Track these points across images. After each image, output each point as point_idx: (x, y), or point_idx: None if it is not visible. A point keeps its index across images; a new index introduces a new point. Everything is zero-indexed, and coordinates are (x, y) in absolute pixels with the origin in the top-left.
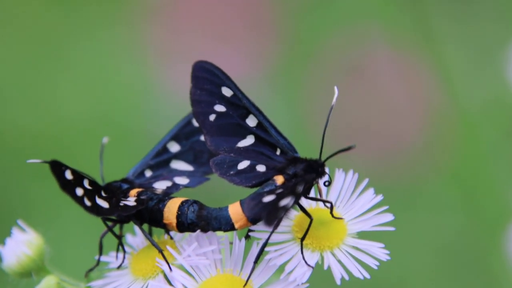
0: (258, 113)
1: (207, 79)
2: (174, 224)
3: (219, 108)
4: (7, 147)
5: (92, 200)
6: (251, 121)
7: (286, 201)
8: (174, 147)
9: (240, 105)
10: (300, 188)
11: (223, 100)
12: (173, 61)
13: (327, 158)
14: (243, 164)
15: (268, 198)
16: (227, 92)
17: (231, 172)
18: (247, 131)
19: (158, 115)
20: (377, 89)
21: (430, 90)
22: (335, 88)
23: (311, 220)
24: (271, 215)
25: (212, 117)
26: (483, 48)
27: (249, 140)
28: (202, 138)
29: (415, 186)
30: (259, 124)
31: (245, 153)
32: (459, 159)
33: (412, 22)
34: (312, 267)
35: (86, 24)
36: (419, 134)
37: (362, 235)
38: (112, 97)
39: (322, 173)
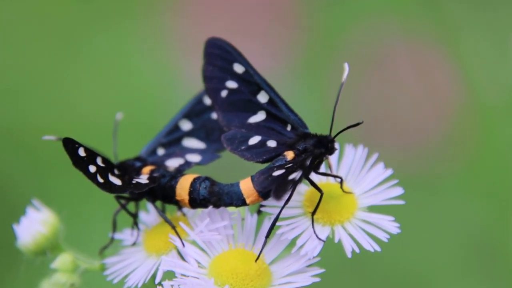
0: (269, 89)
1: (219, 55)
2: (187, 200)
3: (231, 84)
4: (25, 145)
5: (105, 177)
6: (262, 97)
7: (294, 175)
8: (186, 125)
9: (252, 82)
10: (308, 162)
11: (234, 76)
12: (196, 53)
13: (337, 134)
14: (254, 140)
15: (277, 172)
16: (239, 68)
17: (242, 148)
18: (258, 107)
19: (179, 108)
20: (398, 81)
21: (451, 80)
22: (346, 64)
23: (322, 194)
24: (280, 189)
25: (224, 93)
26: (501, 36)
27: (260, 116)
28: (214, 115)
29: (439, 177)
30: (270, 100)
31: (256, 128)
32: (484, 149)
33: (430, 13)
34: (323, 241)
35: (106, 16)
36: (441, 125)
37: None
38: (132, 91)
39: (332, 149)
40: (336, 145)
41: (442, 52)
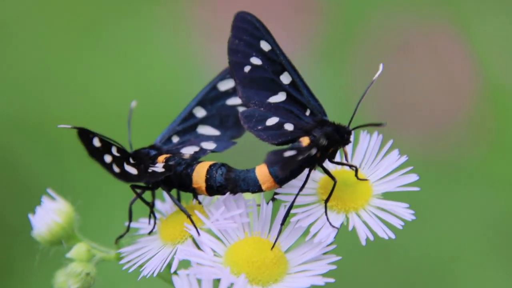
0: (293, 71)
1: (247, 30)
2: (204, 187)
3: (255, 60)
4: (44, 135)
5: (121, 167)
6: (285, 78)
7: (305, 157)
8: (200, 112)
9: (276, 61)
10: (320, 150)
11: (260, 53)
12: (216, 40)
13: (356, 127)
14: (272, 121)
15: (289, 153)
16: (265, 46)
17: (259, 127)
18: (280, 87)
19: None
20: (418, 66)
21: (470, 65)
22: (381, 65)
23: (335, 182)
24: (287, 165)
25: (247, 69)
26: None
27: (280, 97)
28: (228, 102)
29: (462, 161)
30: (293, 83)
31: (275, 109)
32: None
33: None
34: (337, 228)
35: (126, 4)
36: (462, 110)
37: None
38: (152, 79)
39: (347, 140)
40: (351, 138)
41: (461, 38)
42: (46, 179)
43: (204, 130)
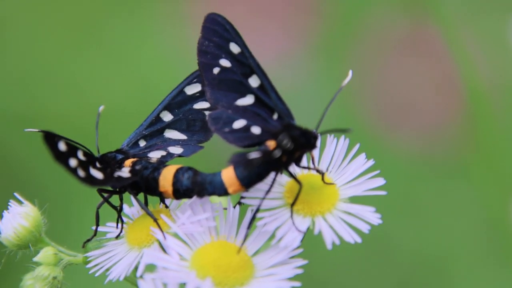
0: (262, 75)
1: (217, 32)
2: (170, 191)
3: (224, 62)
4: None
5: (86, 171)
6: (254, 81)
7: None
8: (167, 117)
9: (246, 64)
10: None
11: (229, 55)
12: None
13: (322, 133)
14: (239, 123)
15: (253, 155)
16: (234, 48)
17: (226, 130)
18: (248, 90)
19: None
20: (415, 65)
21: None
22: (350, 71)
23: (301, 186)
24: (250, 165)
25: (215, 70)
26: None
27: (248, 100)
28: (195, 106)
29: (460, 161)
30: (261, 86)
31: (242, 112)
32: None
33: None
34: (303, 232)
35: (122, 2)
36: (461, 109)
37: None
38: (148, 78)
39: (313, 145)
40: (318, 143)
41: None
42: (40, 174)
43: (171, 134)
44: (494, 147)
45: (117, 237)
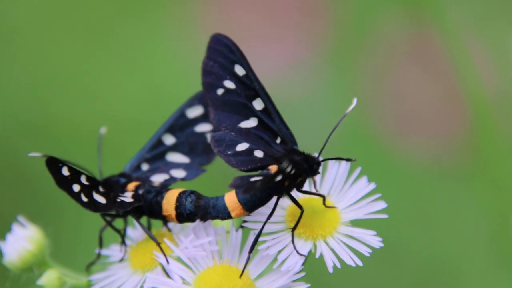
0: (266, 98)
1: (222, 53)
2: (174, 215)
3: (229, 84)
4: (52, 139)
5: (89, 196)
6: (258, 104)
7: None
8: (169, 140)
9: (250, 86)
10: (285, 179)
11: (234, 77)
12: None
13: (325, 159)
14: (242, 146)
15: (255, 178)
16: (239, 70)
17: (229, 152)
18: (252, 113)
19: None
20: (427, 72)
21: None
22: (355, 99)
23: (302, 211)
24: (251, 189)
25: (219, 91)
26: None
27: (252, 122)
28: (196, 129)
29: (470, 168)
30: (265, 109)
31: (245, 135)
32: None
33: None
34: (304, 256)
35: (134, 7)
36: (472, 116)
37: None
38: (160, 83)
39: (316, 171)
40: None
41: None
42: (52, 182)
43: (173, 157)
44: (497, 156)
45: (121, 260)
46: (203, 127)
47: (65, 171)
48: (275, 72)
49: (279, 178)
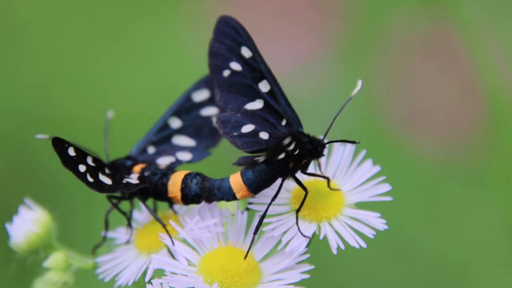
0: (272, 80)
1: (229, 34)
2: (179, 197)
3: (235, 65)
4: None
5: (95, 177)
6: (264, 86)
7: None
8: (175, 123)
9: (256, 68)
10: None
11: (240, 59)
12: None
13: (329, 142)
14: (247, 128)
15: (260, 159)
16: (246, 52)
17: (234, 134)
18: (258, 95)
19: None
20: (440, 69)
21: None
22: (359, 81)
23: (306, 193)
24: (254, 162)
25: (226, 73)
26: None
27: (257, 104)
28: (202, 112)
29: (483, 166)
30: (271, 91)
31: (251, 116)
32: None
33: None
34: (308, 237)
35: (145, 3)
36: (485, 113)
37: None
38: (171, 81)
39: (320, 153)
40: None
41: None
42: (63, 177)
43: (179, 140)
44: None
45: (127, 242)
46: (209, 111)
47: (71, 152)
48: (287, 68)
49: (281, 155)
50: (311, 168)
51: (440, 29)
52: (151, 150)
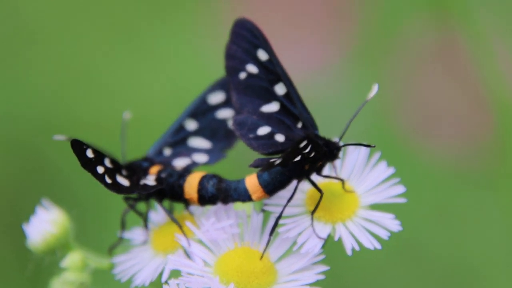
0: (288, 83)
1: (246, 37)
2: (196, 198)
3: (251, 68)
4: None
5: (113, 178)
6: (280, 89)
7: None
8: (191, 125)
9: (273, 71)
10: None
11: (256, 61)
12: None
13: (345, 145)
14: (264, 130)
15: (276, 161)
16: (263, 55)
17: (251, 136)
18: (274, 97)
19: None
20: (453, 74)
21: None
22: (376, 85)
23: (322, 194)
24: (270, 165)
25: (242, 75)
26: None
27: (274, 107)
28: (217, 115)
29: (496, 171)
30: (287, 94)
31: (267, 118)
32: None
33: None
34: (324, 239)
35: (162, 7)
36: (499, 119)
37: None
38: (186, 83)
39: (335, 156)
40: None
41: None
42: (76, 182)
43: (195, 142)
44: None
45: (143, 243)
46: (224, 113)
47: (89, 153)
48: (300, 73)
49: (297, 157)
50: (326, 170)
51: (451, 37)
52: (167, 152)
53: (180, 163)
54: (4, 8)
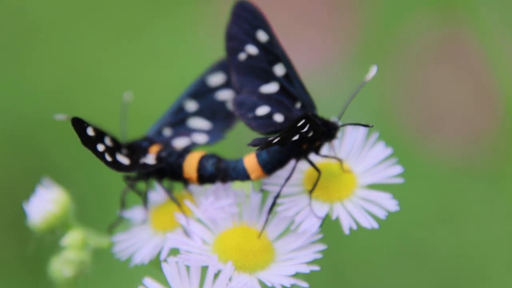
0: (288, 64)
1: (246, 18)
2: (195, 177)
3: (251, 49)
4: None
5: (113, 156)
6: (279, 70)
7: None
8: (191, 105)
9: (272, 52)
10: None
11: (256, 42)
12: None
13: (343, 124)
14: (263, 110)
15: (273, 139)
16: (262, 36)
17: (250, 115)
18: (273, 78)
19: None
20: (457, 70)
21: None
22: (374, 66)
23: (319, 174)
24: (268, 143)
25: (242, 56)
26: None
27: (273, 87)
28: (217, 96)
29: (501, 168)
30: (286, 75)
31: (267, 99)
32: None
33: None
34: (321, 218)
35: (162, 3)
36: (503, 116)
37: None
38: (188, 81)
39: (333, 135)
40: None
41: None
42: (81, 180)
43: (195, 123)
44: None
45: (142, 222)
46: (224, 94)
47: (90, 131)
48: (301, 73)
49: (295, 137)
50: (324, 150)
51: (456, 33)
52: (167, 132)
53: (180, 143)
54: (7, 7)
